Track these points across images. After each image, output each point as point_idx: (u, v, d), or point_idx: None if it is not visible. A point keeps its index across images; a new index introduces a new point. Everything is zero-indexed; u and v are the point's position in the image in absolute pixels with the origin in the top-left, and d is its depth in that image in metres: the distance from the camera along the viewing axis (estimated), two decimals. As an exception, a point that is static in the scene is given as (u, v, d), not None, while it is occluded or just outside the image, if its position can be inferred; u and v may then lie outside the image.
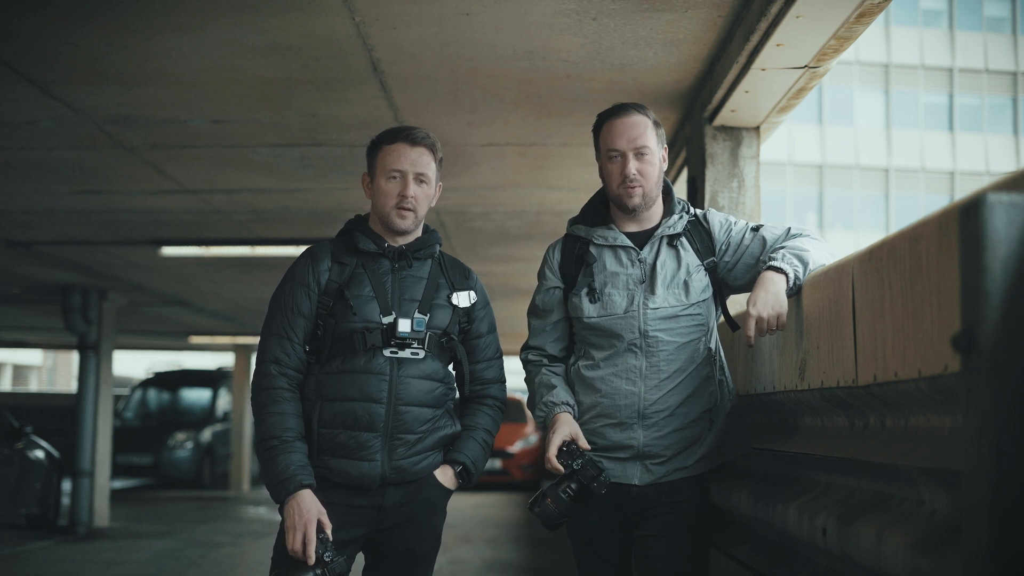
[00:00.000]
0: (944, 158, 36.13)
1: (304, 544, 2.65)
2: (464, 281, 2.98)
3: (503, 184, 6.52)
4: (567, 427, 2.76)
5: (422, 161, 2.86)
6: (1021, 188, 1.48)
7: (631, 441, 2.79)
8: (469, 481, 2.95)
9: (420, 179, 2.85)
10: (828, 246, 2.78)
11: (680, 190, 5.42)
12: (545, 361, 2.94)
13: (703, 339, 2.83)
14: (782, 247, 2.72)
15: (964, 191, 32.25)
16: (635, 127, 2.79)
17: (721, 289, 2.89)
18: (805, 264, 2.63)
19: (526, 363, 2.99)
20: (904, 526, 1.92)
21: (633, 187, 2.79)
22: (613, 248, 2.85)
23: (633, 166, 2.78)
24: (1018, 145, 36.31)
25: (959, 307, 1.37)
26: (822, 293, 2.46)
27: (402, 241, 2.90)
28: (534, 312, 2.98)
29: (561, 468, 2.70)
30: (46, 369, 46.13)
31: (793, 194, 35.79)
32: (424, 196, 2.87)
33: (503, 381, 3.08)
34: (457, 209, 7.34)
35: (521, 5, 3.63)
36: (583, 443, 2.75)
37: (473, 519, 11.88)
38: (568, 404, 2.83)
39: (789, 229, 2.82)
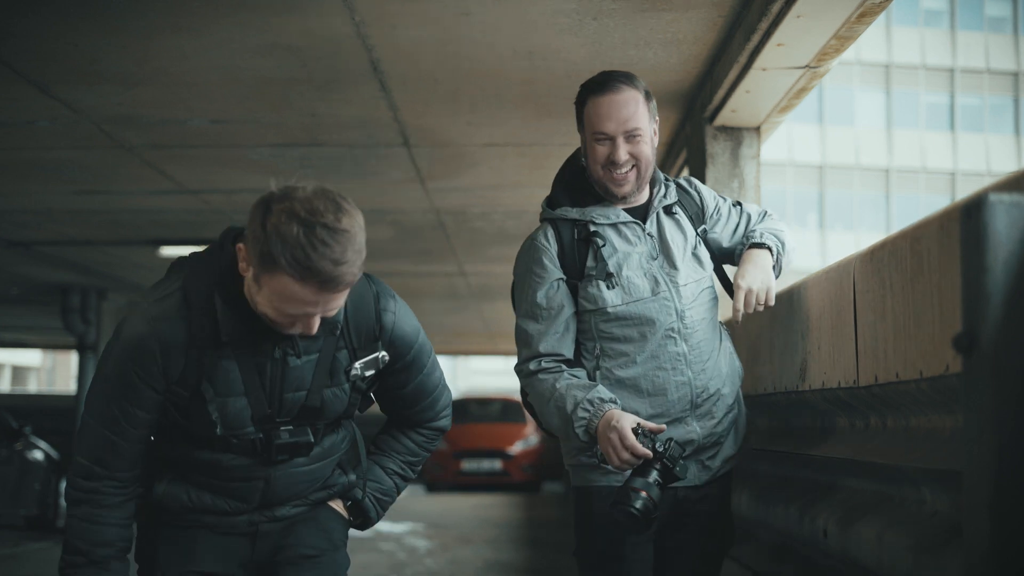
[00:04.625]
0: (945, 158, 36.13)
1: None
2: (372, 341, 2.15)
3: (503, 184, 6.52)
4: (629, 417, 2.35)
5: (344, 294, 1.95)
6: (1022, 188, 1.48)
7: (689, 435, 2.45)
8: (366, 520, 2.34)
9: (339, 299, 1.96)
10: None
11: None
12: (564, 367, 2.49)
13: (717, 312, 2.60)
14: (760, 228, 2.63)
15: (965, 191, 32.25)
16: (625, 106, 2.45)
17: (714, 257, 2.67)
18: (783, 244, 2.57)
19: (535, 374, 2.50)
20: (905, 527, 1.92)
21: (623, 173, 2.46)
22: (615, 226, 2.52)
23: (624, 151, 2.45)
24: (1019, 145, 36.31)
25: (960, 307, 1.37)
26: (823, 293, 2.46)
27: None
28: (536, 315, 2.51)
29: (648, 452, 2.30)
30: (45, 370, 46.13)
31: (793, 194, 35.79)
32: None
33: (444, 412, 2.40)
34: (457, 209, 7.34)
35: (521, 5, 3.62)
36: (654, 426, 2.36)
37: (473, 519, 11.87)
38: (615, 402, 2.40)
39: (765, 212, 2.72)
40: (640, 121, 2.45)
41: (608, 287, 2.47)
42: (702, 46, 3.99)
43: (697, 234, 2.59)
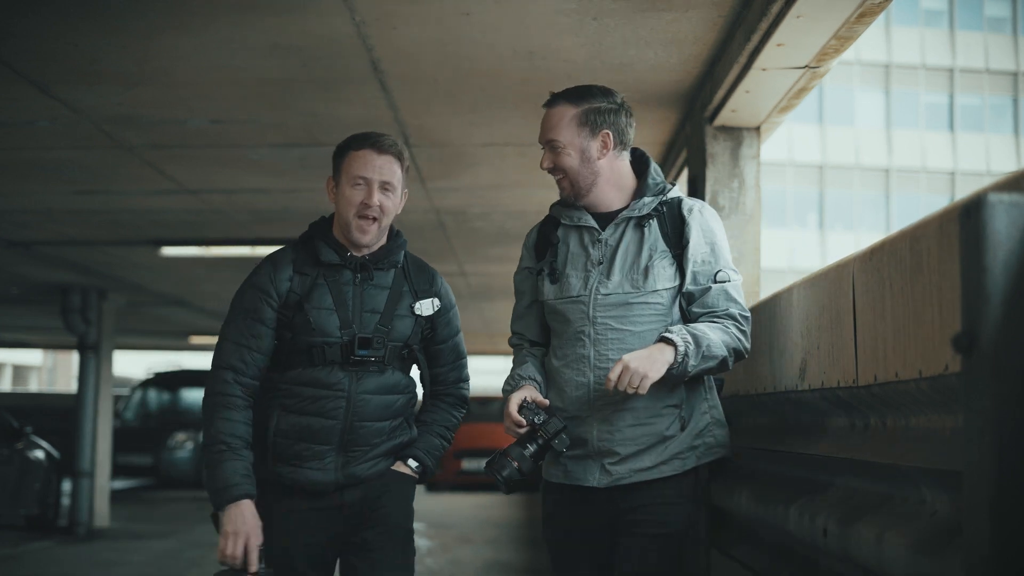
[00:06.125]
0: (945, 158, 36.13)
1: (246, 551, 2.68)
2: (428, 288, 2.95)
3: (503, 184, 6.52)
4: (526, 391, 2.68)
5: (388, 169, 2.82)
6: (1022, 188, 1.48)
7: (585, 435, 2.68)
8: (425, 473, 2.95)
9: (385, 187, 2.81)
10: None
11: (681, 190, 5.41)
12: (526, 345, 2.88)
13: (654, 328, 2.67)
14: (694, 326, 2.61)
15: (965, 191, 32.24)
16: (547, 120, 2.73)
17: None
18: (699, 347, 2.56)
19: (511, 346, 2.95)
20: (905, 527, 1.92)
21: (557, 180, 2.74)
22: (578, 228, 2.76)
23: (545, 160, 2.74)
24: (1019, 145, 36.30)
25: (960, 307, 1.37)
26: (822, 293, 2.46)
27: (366, 250, 2.87)
28: (515, 293, 2.92)
29: (521, 419, 2.61)
30: (46, 369, 46.14)
31: (793, 194, 35.79)
32: (390, 205, 2.83)
33: (465, 380, 3.08)
34: (457, 209, 7.34)
35: (521, 5, 3.62)
36: (540, 400, 2.65)
37: (473, 519, 11.87)
38: (534, 380, 2.74)
39: (727, 309, 2.68)
40: (559, 134, 2.70)
41: (551, 281, 2.76)
42: (702, 46, 3.99)
43: (672, 255, 2.67)
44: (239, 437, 2.76)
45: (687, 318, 2.72)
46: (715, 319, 2.67)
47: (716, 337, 2.61)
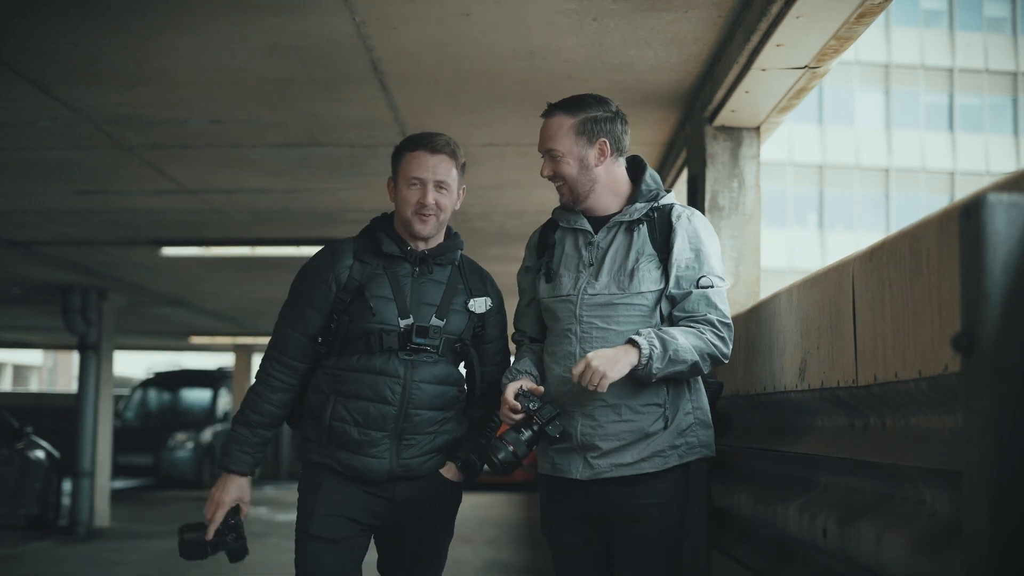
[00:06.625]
0: (944, 158, 36.11)
1: (213, 517, 2.92)
2: (481, 287, 3.04)
3: (503, 184, 6.52)
4: (522, 381, 2.79)
5: (442, 168, 2.92)
6: (1021, 188, 1.48)
7: (570, 429, 2.76)
8: (473, 475, 3.02)
9: (440, 187, 2.92)
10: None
11: (680, 190, 5.42)
12: (527, 341, 2.98)
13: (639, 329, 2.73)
14: (668, 329, 2.67)
15: (964, 191, 32.19)
16: (546, 130, 2.83)
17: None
18: (667, 353, 2.62)
19: (514, 342, 3.05)
20: (905, 526, 1.92)
21: (557, 187, 2.84)
22: (573, 231, 2.87)
23: (545, 168, 2.84)
24: (1018, 145, 36.29)
25: (959, 307, 1.37)
26: (822, 293, 2.46)
27: (424, 246, 2.97)
28: (518, 292, 3.02)
29: (517, 404, 2.72)
30: (46, 369, 46.13)
31: (793, 194, 35.78)
32: (446, 202, 2.94)
33: None
34: (457, 209, 7.33)
35: (521, 5, 3.62)
36: (534, 387, 2.76)
37: (473, 519, 11.87)
38: (530, 373, 2.85)
39: (707, 314, 2.72)
40: (557, 143, 2.80)
41: (547, 280, 2.88)
42: (702, 46, 3.99)
43: (656, 254, 2.74)
44: (261, 414, 2.95)
45: (668, 321, 2.78)
46: (693, 324, 2.73)
47: (686, 342, 2.66)
